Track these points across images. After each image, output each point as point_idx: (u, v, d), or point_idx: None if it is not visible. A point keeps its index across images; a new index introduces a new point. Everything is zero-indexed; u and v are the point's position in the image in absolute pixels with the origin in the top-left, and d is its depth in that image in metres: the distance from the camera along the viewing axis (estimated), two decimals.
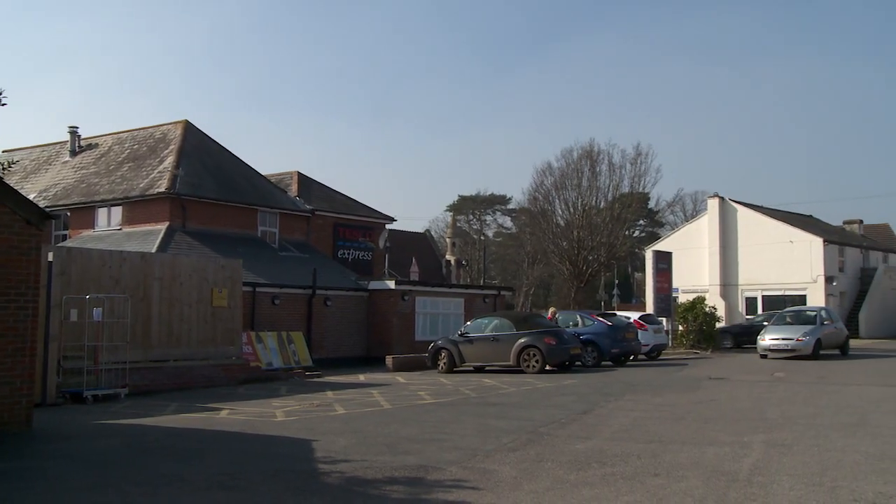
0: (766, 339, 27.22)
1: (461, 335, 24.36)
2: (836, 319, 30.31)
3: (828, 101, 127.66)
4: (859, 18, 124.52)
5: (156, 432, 12.32)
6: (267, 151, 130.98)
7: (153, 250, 24.78)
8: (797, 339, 26.48)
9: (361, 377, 22.82)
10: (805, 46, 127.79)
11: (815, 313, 29.13)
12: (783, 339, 26.76)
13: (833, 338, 28.41)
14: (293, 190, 35.44)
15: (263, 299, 26.11)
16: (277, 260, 30.05)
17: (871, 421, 12.53)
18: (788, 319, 28.93)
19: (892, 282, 51.72)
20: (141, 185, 29.63)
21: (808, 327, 27.34)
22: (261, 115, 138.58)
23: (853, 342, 40.77)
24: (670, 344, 33.28)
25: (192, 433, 12.18)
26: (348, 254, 35.28)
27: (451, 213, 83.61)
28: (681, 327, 35.14)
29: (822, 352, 26.92)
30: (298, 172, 37.25)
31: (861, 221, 60.61)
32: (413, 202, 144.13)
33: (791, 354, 26.45)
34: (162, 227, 27.82)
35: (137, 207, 29.24)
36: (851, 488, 7.81)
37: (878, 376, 20.79)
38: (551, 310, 25.33)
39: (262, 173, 35.01)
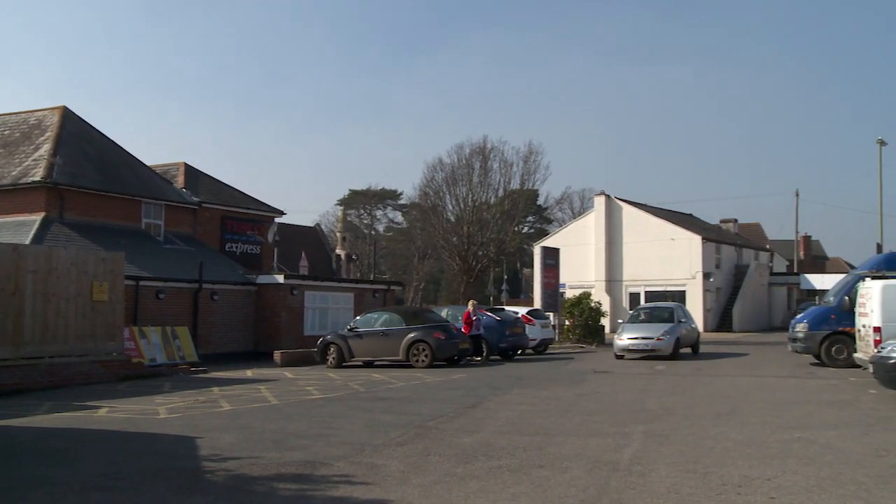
0: (624, 339, 25.14)
1: (350, 330, 24.25)
2: (690, 317, 28.71)
3: (705, 103, 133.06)
4: (736, 23, 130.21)
5: (26, 434, 11.72)
6: (153, 142, 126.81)
7: (27, 242, 23.62)
8: (657, 339, 24.62)
9: (249, 373, 22.43)
10: (685, 49, 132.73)
11: (671, 310, 27.08)
12: (642, 338, 24.86)
13: (689, 337, 26.79)
14: (180, 181, 34.47)
15: (147, 293, 25.30)
16: (162, 253, 29.15)
17: (741, 410, 13.17)
18: (643, 317, 27.13)
19: (762, 278, 54.49)
20: (13, 174, 28.13)
21: (668, 325, 25.47)
22: (147, 104, 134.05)
23: (728, 335, 42.87)
24: (557, 338, 34.05)
25: (68, 433, 11.68)
26: (236, 247, 34.59)
27: (342, 208, 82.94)
28: (567, 322, 36.01)
29: (679, 351, 25.58)
30: (185, 164, 36.26)
31: (736, 221, 63.58)
32: (303, 196, 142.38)
33: (649, 354, 24.65)
34: (37, 218, 26.52)
35: (8, 197, 27.71)
36: (721, 473, 8.20)
37: (749, 367, 21.85)
38: (471, 303, 25.41)
39: (148, 164, 33.89)
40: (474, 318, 24.47)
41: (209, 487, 7.93)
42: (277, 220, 37.57)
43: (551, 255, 38.19)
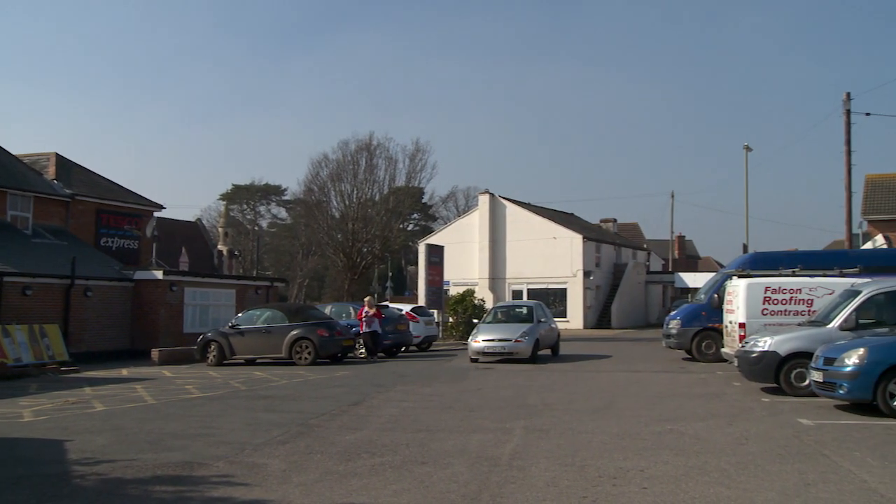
0: (479, 341, 22.79)
1: (232, 327, 23.76)
2: (550, 316, 26.68)
3: (587, 103, 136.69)
4: (615, 23, 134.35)
5: None
6: (21, 131, 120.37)
7: None
8: (515, 340, 22.42)
9: (124, 371, 21.66)
10: (569, 49, 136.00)
11: (529, 309, 25.04)
12: (499, 339, 22.61)
13: (549, 337, 24.81)
14: (50, 172, 32.82)
15: (12, 290, 23.99)
16: (30, 247, 27.72)
17: (618, 404, 13.62)
18: (500, 316, 25.20)
19: (639, 276, 56.46)
20: None
21: (526, 326, 23.30)
22: (13, 91, 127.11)
23: (605, 332, 44.18)
24: (441, 335, 34.30)
25: None
26: (112, 242, 33.24)
27: (225, 203, 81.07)
28: (451, 319, 36.34)
29: (539, 353, 23.50)
30: (57, 154, 34.54)
31: (615, 220, 65.57)
32: (184, 190, 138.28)
33: (507, 357, 22.63)
34: None
35: None
36: (597, 466, 8.47)
37: (625, 363, 22.61)
38: (367, 299, 24.97)
39: (14, 153, 32.16)
40: (371, 314, 24.04)
41: (78, 493, 7.61)
42: (157, 214, 36.27)
43: (436, 253, 38.43)
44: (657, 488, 7.46)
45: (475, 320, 32.35)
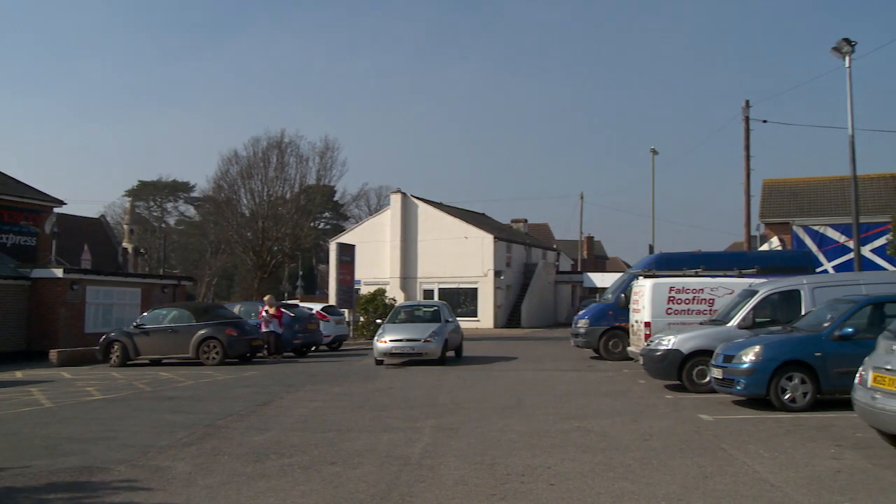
0: (386, 342, 21.60)
1: (137, 327, 23.10)
2: (454, 318, 25.53)
3: (497, 105, 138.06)
4: (529, 27, 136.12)
5: None
6: None
7: None
8: (424, 340, 21.50)
9: (19, 374, 20.81)
10: (476, 50, 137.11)
11: (436, 309, 24.36)
12: (407, 339, 21.60)
13: (454, 338, 23.77)
14: None
15: None
16: None
17: (527, 402, 13.80)
18: (403, 316, 24.22)
19: (549, 276, 57.32)
20: None
21: (434, 325, 22.51)
22: None
23: (515, 331, 44.70)
24: (351, 335, 34.12)
25: None
26: (7, 238, 31.87)
27: (130, 199, 78.65)
28: (362, 318, 36.17)
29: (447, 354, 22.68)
30: None
31: (526, 220, 66.48)
32: (87, 186, 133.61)
33: (415, 358, 21.73)
34: None
35: None
36: (506, 464, 8.56)
37: (535, 361, 22.92)
38: (266, 298, 24.41)
39: None
40: (271, 314, 23.70)
41: None
42: (57, 210, 34.97)
43: (347, 252, 38.20)
44: (564, 484, 7.59)
45: (379, 321, 31.55)
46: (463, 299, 49.95)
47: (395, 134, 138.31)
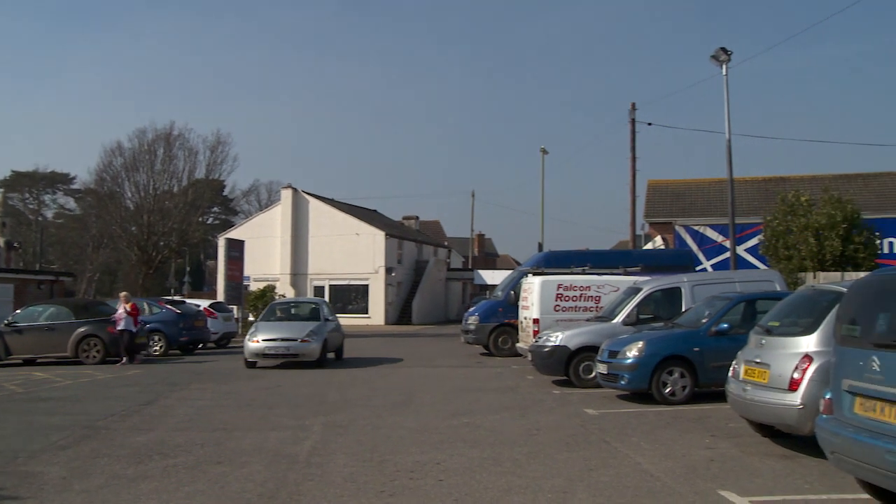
0: (259, 341, 19.88)
1: (8, 325, 21.93)
2: (334, 316, 24.17)
3: (391, 102, 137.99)
4: (419, 23, 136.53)
5: None
6: None
7: None
8: (301, 340, 19.77)
9: None
10: (367, 46, 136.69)
11: (315, 307, 22.86)
12: (283, 339, 19.90)
13: (335, 338, 22.12)
14: None
15: None
16: None
17: (417, 399, 13.86)
18: (279, 314, 22.66)
19: (440, 273, 57.69)
20: None
21: (313, 324, 20.84)
22: None
23: (406, 328, 44.81)
24: (240, 332, 33.43)
25: None
26: None
27: (3, 190, 74.72)
28: (251, 315, 35.50)
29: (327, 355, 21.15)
30: None
31: (417, 218, 66.65)
32: None
33: (291, 360, 19.95)
34: None
35: None
36: (395, 460, 8.57)
37: (425, 358, 23.04)
38: (122, 294, 23.10)
39: None
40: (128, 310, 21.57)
41: None
42: None
43: (236, 247, 37.43)
44: (453, 480, 7.66)
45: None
46: (354, 296, 49.77)
47: (287, 129, 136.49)
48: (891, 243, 33.35)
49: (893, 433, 5.69)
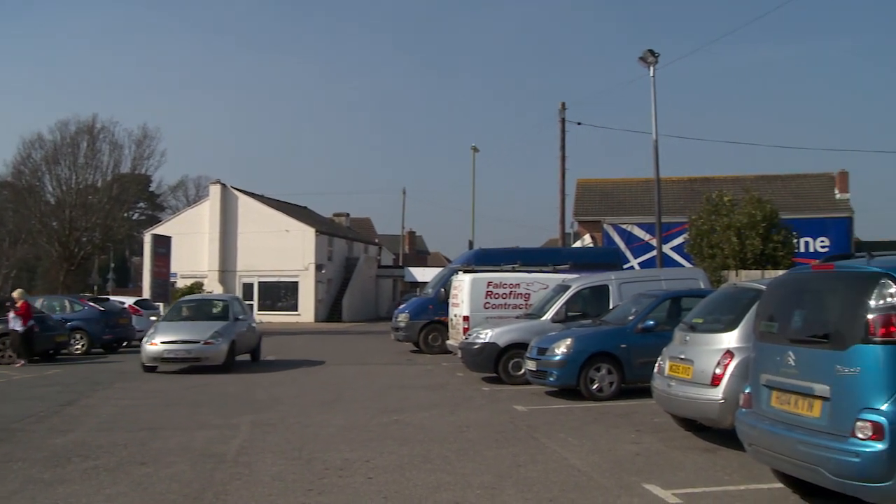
0: (157, 343, 18.00)
1: None
2: (249, 314, 22.70)
3: (318, 97, 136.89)
4: (347, 16, 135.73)
5: None
6: None
7: None
8: (205, 342, 17.97)
9: None
10: (292, 40, 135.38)
11: (223, 304, 20.78)
12: (183, 341, 18.04)
13: (248, 339, 20.43)
14: None
15: None
16: None
17: (346, 397, 13.80)
18: (186, 312, 20.58)
19: (370, 270, 57.50)
20: None
21: (220, 324, 18.96)
22: None
23: (336, 325, 44.54)
24: None
25: None
26: None
27: None
28: None
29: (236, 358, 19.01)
30: None
31: (348, 214, 66.20)
32: None
33: (194, 364, 17.99)
34: None
35: None
36: (324, 459, 8.52)
37: (355, 356, 22.93)
38: (16, 293, 21.56)
39: None
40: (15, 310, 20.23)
41: None
42: None
43: (162, 244, 36.58)
44: (382, 477, 7.65)
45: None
46: (284, 293, 49.28)
47: (217, 124, 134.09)
48: (807, 243, 34.58)
49: (806, 425, 5.89)
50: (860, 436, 5.38)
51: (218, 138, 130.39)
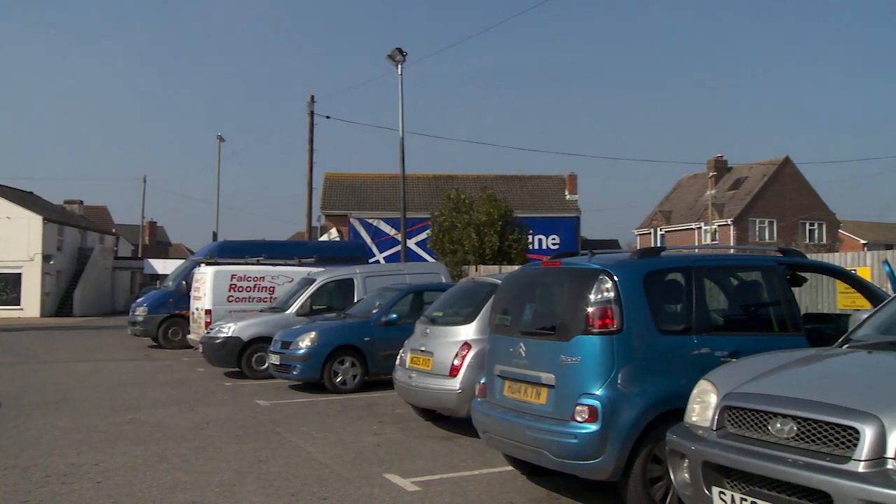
0: None
1: None
2: None
3: (52, 76, 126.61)
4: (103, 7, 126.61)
5: None
6: None
7: None
8: None
9: None
10: (30, 14, 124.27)
11: None
12: None
13: None
14: None
15: None
16: None
17: (75, 396, 12.88)
18: None
19: (106, 262, 54.01)
20: None
21: None
22: None
23: (67, 320, 41.40)
24: None
25: None
26: None
27: None
28: None
29: None
30: None
31: (82, 202, 61.72)
32: None
33: None
34: None
35: None
36: (45, 465, 7.90)
37: (87, 352, 21.45)
38: None
39: None
40: None
41: None
42: None
43: None
44: (112, 481, 7.23)
45: None
46: (4, 286, 45.00)
47: None
48: (540, 240, 37.06)
49: (533, 411, 6.32)
50: (578, 419, 5.85)
51: None
